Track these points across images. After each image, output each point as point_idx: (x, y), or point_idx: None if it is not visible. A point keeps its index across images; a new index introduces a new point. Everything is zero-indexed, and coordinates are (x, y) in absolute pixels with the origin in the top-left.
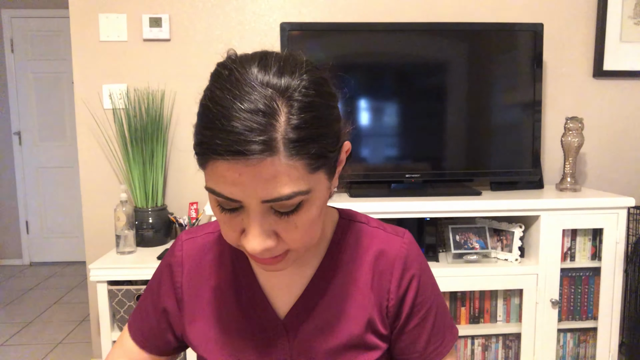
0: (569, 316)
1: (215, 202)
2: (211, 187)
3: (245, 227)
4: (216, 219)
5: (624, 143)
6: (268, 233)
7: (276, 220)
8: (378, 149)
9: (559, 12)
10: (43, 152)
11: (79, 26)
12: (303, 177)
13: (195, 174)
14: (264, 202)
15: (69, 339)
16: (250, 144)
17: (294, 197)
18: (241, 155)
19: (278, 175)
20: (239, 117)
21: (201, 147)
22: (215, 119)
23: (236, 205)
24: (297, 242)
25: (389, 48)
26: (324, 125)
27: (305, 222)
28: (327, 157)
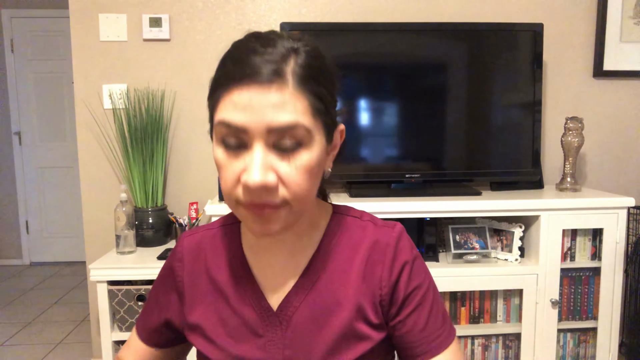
0: (569, 316)
1: (220, 144)
2: (221, 119)
3: (246, 165)
4: (218, 165)
5: (624, 143)
6: (268, 168)
7: (277, 160)
8: (378, 148)
9: (559, 12)
10: (43, 152)
11: (79, 26)
12: (306, 113)
13: (195, 174)
14: (270, 129)
15: (69, 339)
16: (262, 70)
17: (297, 128)
18: (254, 78)
19: (285, 102)
20: (258, 54)
21: (219, 79)
22: (236, 55)
23: (242, 138)
24: (294, 187)
25: (389, 48)
26: (324, 78)
27: (305, 166)
28: (327, 111)
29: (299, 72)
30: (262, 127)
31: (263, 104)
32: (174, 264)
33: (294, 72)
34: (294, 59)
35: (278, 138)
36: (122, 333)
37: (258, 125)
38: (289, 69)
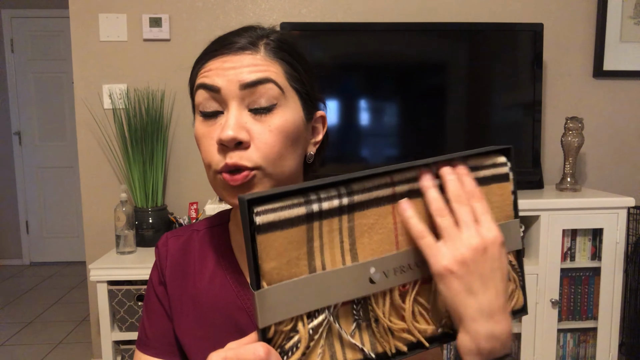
0: (569, 316)
1: (198, 116)
2: (199, 82)
3: (222, 128)
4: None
5: (624, 143)
6: (242, 127)
7: (251, 121)
8: (378, 148)
9: (559, 12)
10: (43, 152)
11: (79, 26)
12: (279, 76)
13: (195, 174)
14: (242, 86)
15: (69, 339)
16: (237, 41)
17: (269, 83)
18: (229, 47)
19: (257, 64)
20: (234, 34)
21: (198, 58)
22: (215, 40)
23: (218, 101)
24: (265, 149)
25: (389, 48)
26: (297, 55)
27: (278, 127)
28: (302, 81)
29: (271, 45)
30: (235, 85)
31: (236, 65)
32: (160, 260)
33: (266, 44)
34: (267, 37)
35: (252, 98)
36: (122, 333)
37: (230, 82)
38: (261, 42)
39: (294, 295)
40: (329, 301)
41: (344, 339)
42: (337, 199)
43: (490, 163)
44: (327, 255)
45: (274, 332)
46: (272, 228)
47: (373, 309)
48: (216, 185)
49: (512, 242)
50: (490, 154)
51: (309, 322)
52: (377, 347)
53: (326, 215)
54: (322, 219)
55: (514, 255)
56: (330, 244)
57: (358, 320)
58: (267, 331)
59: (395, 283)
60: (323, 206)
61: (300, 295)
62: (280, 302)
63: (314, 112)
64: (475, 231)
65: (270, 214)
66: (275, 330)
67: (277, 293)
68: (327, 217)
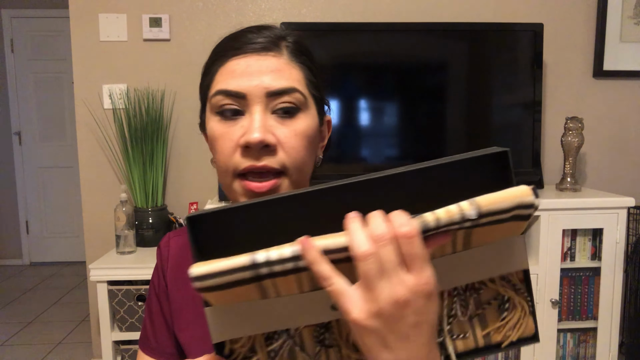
0: (569, 316)
1: (215, 116)
2: (219, 88)
3: (246, 129)
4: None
5: (624, 143)
6: (268, 129)
7: (275, 124)
8: (378, 148)
9: (559, 12)
10: (43, 152)
11: (79, 26)
12: (301, 82)
13: (195, 174)
14: (268, 94)
15: (69, 339)
16: (259, 41)
17: (294, 92)
18: (251, 47)
19: (281, 69)
20: (253, 32)
21: (215, 57)
22: (232, 36)
23: (240, 105)
24: (291, 152)
25: (389, 48)
26: (312, 59)
27: (302, 132)
28: (317, 88)
29: (292, 47)
30: (261, 91)
31: (261, 69)
32: (162, 261)
33: (287, 46)
34: (285, 38)
35: (276, 103)
36: (122, 333)
37: (257, 89)
38: (282, 43)
39: (248, 315)
40: (288, 324)
41: None
42: (292, 262)
43: (511, 205)
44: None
45: (230, 350)
46: (214, 289)
47: (336, 335)
48: (233, 191)
49: (516, 261)
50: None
51: (268, 344)
52: None
53: (279, 275)
54: (275, 277)
55: (520, 276)
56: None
57: (323, 342)
58: (222, 348)
59: None
60: (275, 269)
61: (255, 315)
62: (234, 320)
63: (324, 117)
64: (399, 280)
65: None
66: (231, 348)
67: (228, 313)
68: (280, 276)
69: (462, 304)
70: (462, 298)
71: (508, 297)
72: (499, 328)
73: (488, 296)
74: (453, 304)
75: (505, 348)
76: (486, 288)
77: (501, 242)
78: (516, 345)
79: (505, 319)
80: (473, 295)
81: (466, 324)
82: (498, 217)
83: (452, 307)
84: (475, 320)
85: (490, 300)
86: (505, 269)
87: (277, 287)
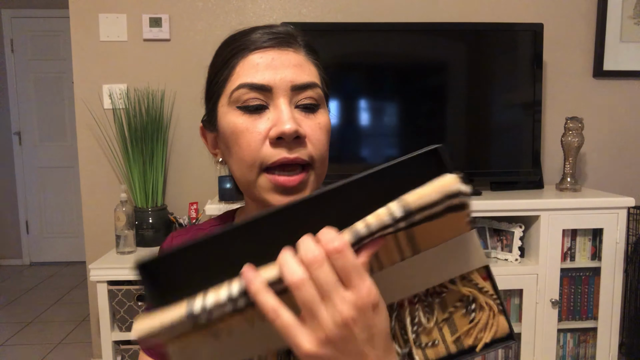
0: (569, 316)
1: (236, 110)
2: (243, 82)
3: (275, 121)
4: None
5: (624, 143)
6: (296, 121)
7: (301, 118)
8: (378, 148)
9: (559, 12)
10: (43, 152)
11: (79, 26)
12: (318, 78)
13: (195, 174)
14: (294, 87)
15: (69, 339)
16: (279, 36)
17: (316, 87)
18: (273, 41)
19: (303, 64)
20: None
21: (233, 49)
22: (245, 31)
23: (265, 98)
24: (317, 144)
25: (389, 48)
26: (320, 60)
27: (324, 126)
28: (327, 86)
29: (306, 44)
30: (287, 85)
31: (284, 63)
32: None
33: (302, 42)
34: (297, 35)
35: (299, 98)
36: (122, 333)
37: (282, 82)
38: (298, 39)
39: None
40: (250, 354)
41: None
42: (231, 304)
43: (438, 198)
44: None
45: None
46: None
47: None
48: (258, 187)
49: (472, 258)
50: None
51: None
52: None
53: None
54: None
55: (482, 275)
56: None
57: None
58: None
59: None
60: (214, 315)
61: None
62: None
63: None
64: (340, 299)
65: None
66: None
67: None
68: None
69: (425, 311)
70: (425, 304)
71: (473, 298)
72: (468, 331)
73: (453, 299)
74: (415, 311)
75: (481, 352)
76: (448, 291)
77: (452, 242)
78: (492, 347)
79: (474, 321)
80: (436, 300)
81: (434, 330)
82: (431, 212)
83: (414, 315)
84: (444, 325)
85: (456, 303)
86: (463, 269)
87: (226, 326)
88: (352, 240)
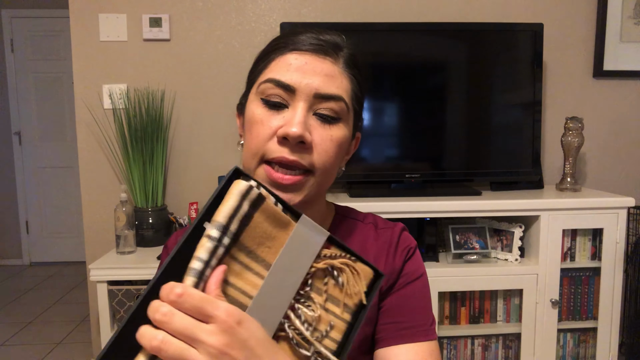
0: (569, 316)
1: (259, 102)
2: (272, 77)
3: (286, 121)
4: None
5: (624, 143)
6: (307, 127)
7: (315, 125)
8: (378, 148)
9: (559, 12)
10: (43, 152)
11: (79, 26)
12: (348, 93)
13: (195, 174)
14: (317, 95)
15: (69, 339)
16: (321, 44)
17: (340, 101)
18: (312, 47)
19: (335, 76)
20: (315, 34)
21: (275, 47)
22: (295, 32)
23: (287, 97)
24: (323, 155)
25: (389, 48)
26: (362, 75)
27: (338, 139)
28: (360, 103)
29: (348, 57)
30: (311, 91)
31: (316, 70)
32: None
33: (345, 54)
34: (343, 48)
35: (321, 106)
36: None
37: (307, 87)
38: (341, 52)
39: None
40: None
41: None
42: None
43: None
44: None
45: None
46: None
47: None
48: (256, 175)
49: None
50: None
51: None
52: None
53: None
54: None
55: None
56: None
57: None
58: None
59: None
60: None
61: None
62: None
63: (356, 132)
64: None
65: None
66: None
67: None
68: None
69: (306, 305)
70: (302, 301)
71: (332, 266)
72: (346, 295)
73: (319, 280)
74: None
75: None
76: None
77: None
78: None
79: (344, 284)
80: (306, 289)
81: (324, 315)
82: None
83: (299, 314)
84: (328, 304)
85: (324, 280)
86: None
87: None
88: (194, 279)
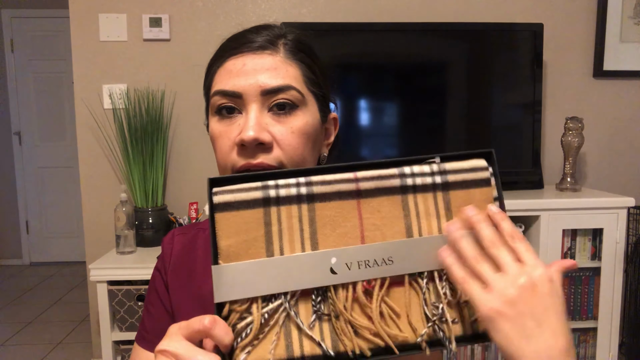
0: (569, 316)
1: (214, 116)
2: (217, 88)
3: (241, 129)
4: (213, 138)
5: (624, 143)
6: (263, 128)
7: (272, 122)
8: (378, 148)
9: (559, 12)
10: (43, 152)
11: (79, 26)
12: (298, 79)
13: (195, 174)
14: (264, 92)
15: (69, 339)
16: (256, 39)
17: (290, 90)
18: (248, 46)
19: (277, 67)
20: (252, 32)
21: (215, 57)
22: (232, 37)
23: (237, 104)
24: (288, 149)
25: (389, 48)
26: (313, 56)
27: (299, 129)
28: (319, 84)
29: (290, 45)
30: (256, 90)
31: (256, 68)
32: (164, 257)
33: (285, 44)
34: (284, 36)
35: (272, 101)
36: (122, 333)
37: (252, 87)
38: (280, 41)
39: (249, 276)
40: (287, 287)
41: (302, 330)
42: (295, 187)
43: (469, 167)
44: (285, 241)
45: (228, 310)
46: (229, 207)
47: (334, 303)
48: None
49: None
50: (471, 157)
51: (264, 306)
52: (339, 345)
53: (284, 202)
54: (279, 204)
55: None
56: (290, 230)
57: (318, 312)
58: (222, 308)
59: (359, 277)
60: (280, 193)
61: (256, 277)
62: (237, 281)
63: (328, 114)
64: (520, 269)
65: (227, 195)
66: (229, 309)
67: (233, 271)
68: (285, 203)
69: (450, 287)
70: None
71: None
72: None
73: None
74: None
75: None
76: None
77: None
78: None
79: None
80: None
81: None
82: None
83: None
84: (464, 306)
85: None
86: None
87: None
88: None
